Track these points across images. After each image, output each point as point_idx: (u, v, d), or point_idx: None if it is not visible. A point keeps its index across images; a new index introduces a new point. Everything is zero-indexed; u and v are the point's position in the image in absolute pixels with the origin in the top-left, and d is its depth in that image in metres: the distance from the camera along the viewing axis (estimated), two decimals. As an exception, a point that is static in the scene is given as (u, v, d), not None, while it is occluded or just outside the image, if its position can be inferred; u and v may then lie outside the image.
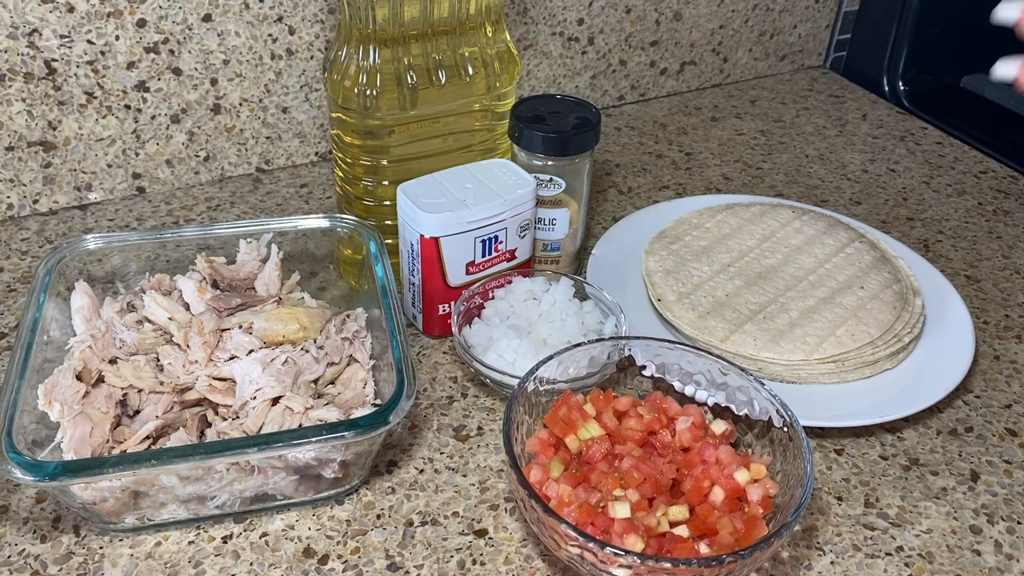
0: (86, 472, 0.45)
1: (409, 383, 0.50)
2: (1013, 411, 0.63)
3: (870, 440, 0.60)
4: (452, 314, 0.62)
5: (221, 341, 0.55)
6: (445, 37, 0.63)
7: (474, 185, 0.63)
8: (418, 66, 0.62)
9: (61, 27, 0.72)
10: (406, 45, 0.62)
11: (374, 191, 0.66)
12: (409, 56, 0.62)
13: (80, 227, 0.78)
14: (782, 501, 0.49)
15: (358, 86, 0.61)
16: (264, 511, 0.53)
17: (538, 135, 0.65)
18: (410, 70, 0.62)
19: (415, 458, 0.57)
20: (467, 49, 0.64)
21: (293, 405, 0.52)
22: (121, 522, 0.51)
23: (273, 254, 0.61)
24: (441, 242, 0.61)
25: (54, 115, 0.75)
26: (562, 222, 0.69)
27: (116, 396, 0.53)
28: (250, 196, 0.83)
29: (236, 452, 0.47)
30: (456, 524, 0.53)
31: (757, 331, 0.62)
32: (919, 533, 0.54)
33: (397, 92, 0.62)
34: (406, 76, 0.62)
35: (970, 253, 0.79)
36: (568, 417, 0.52)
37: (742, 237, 0.72)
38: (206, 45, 0.77)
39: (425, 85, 0.63)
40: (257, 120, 0.83)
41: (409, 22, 0.61)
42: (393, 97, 0.62)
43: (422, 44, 0.62)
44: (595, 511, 0.47)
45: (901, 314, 0.65)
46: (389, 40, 0.61)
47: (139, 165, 0.81)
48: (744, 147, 0.95)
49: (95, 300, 0.58)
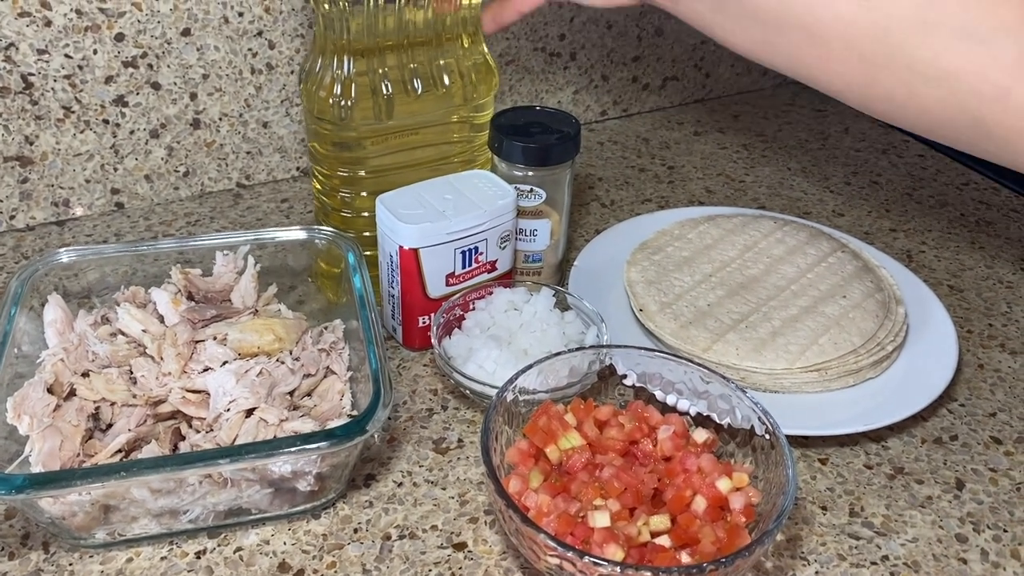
0: (54, 485, 0.44)
1: (386, 392, 0.49)
2: (998, 419, 0.62)
3: (854, 449, 0.59)
4: (432, 325, 0.61)
5: (195, 353, 0.54)
6: (422, 48, 0.63)
7: (454, 196, 0.63)
8: (394, 77, 0.62)
9: (38, 41, 0.71)
10: (381, 56, 0.61)
11: (351, 202, 0.66)
12: (384, 67, 0.62)
13: (58, 243, 0.77)
14: (765, 509, 0.48)
15: (333, 97, 0.61)
16: (239, 525, 0.52)
17: (518, 146, 0.65)
18: (385, 80, 0.62)
19: (393, 471, 0.57)
20: (444, 60, 0.64)
21: (267, 417, 0.51)
22: (91, 538, 0.50)
23: (249, 266, 0.61)
24: (421, 253, 0.61)
25: (31, 130, 0.74)
26: (543, 233, 0.69)
27: (88, 409, 0.52)
28: (230, 211, 0.82)
29: (208, 464, 0.46)
30: (435, 538, 0.52)
31: (739, 340, 0.62)
32: (905, 542, 0.53)
33: (372, 103, 0.62)
34: (381, 87, 0.61)
35: (953, 263, 0.79)
36: (548, 427, 0.51)
37: (724, 247, 0.71)
38: (185, 59, 0.77)
39: (401, 96, 0.63)
40: (237, 135, 0.83)
41: (385, 33, 0.61)
42: (368, 108, 0.62)
43: (398, 55, 0.62)
44: (575, 521, 0.46)
45: (884, 323, 0.64)
46: (364, 51, 0.61)
47: (118, 180, 0.80)
48: (727, 161, 0.95)
49: (68, 313, 0.57)
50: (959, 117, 0.49)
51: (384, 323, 0.67)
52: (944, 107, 0.49)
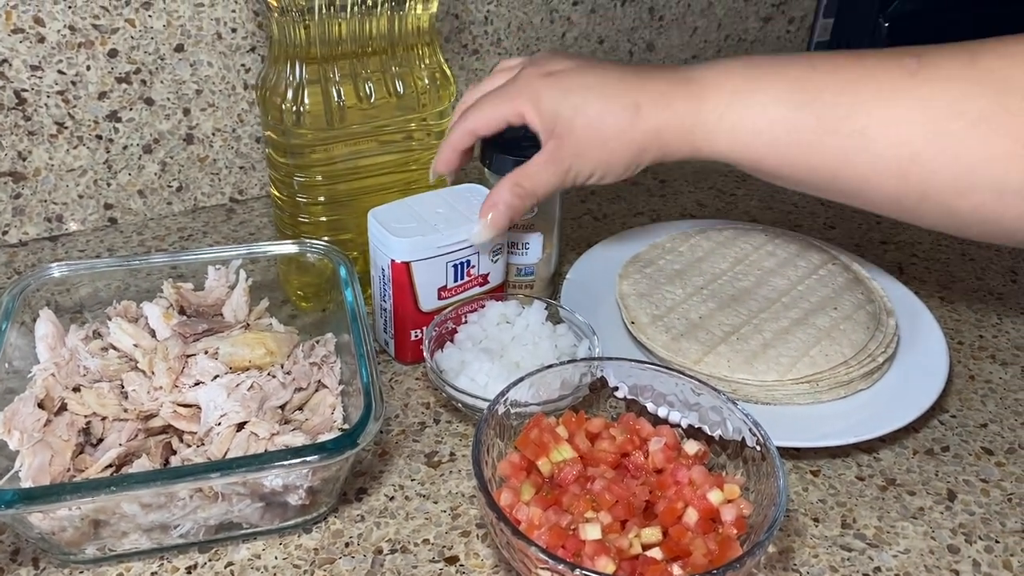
0: (44, 500, 0.44)
1: (377, 405, 0.49)
2: (989, 430, 0.63)
3: (846, 461, 0.60)
4: (424, 339, 0.62)
5: (186, 367, 0.54)
6: (376, 57, 0.64)
7: (445, 210, 0.63)
8: (347, 84, 0.63)
9: (31, 57, 0.72)
10: (336, 64, 0.62)
11: (308, 208, 0.67)
12: (338, 74, 0.62)
13: (51, 258, 0.77)
14: (756, 521, 0.48)
15: (286, 103, 0.62)
16: (230, 540, 0.52)
17: (510, 159, 0.65)
18: (338, 87, 0.62)
19: (385, 485, 0.56)
20: (398, 68, 0.65)
21: (258, 431, 0.51)
22: (81, 553, 0.50)
23: (241, 280, 0.61)
24: (412, 267, 0.61)
25: (24, 145, 0.75)
26: (535, 246, 0.69)
27: (79, 424, 0.52)
28: (223, 226, 0.82)
29: (199, 478, 0.45)
30: (427, 552, 0.52)
31: (731, 352, 0.62)
32: (897, 554, 0.53)
33: (325, 109, 0.62)
34: (333, 93, 0.62)
35: (943, 275, 0.80)
36: (540, 440, 0.51)
37: (715, 260, 0.72)
38: (178, 75, 0.78)
39: (354, 103, 0.63)
40: (230, 150, 0.83)
41: (339, 41, 0.62)
42: (321, 114, 0.62)
43: (352, 63, 0.63)
44: (566, 534, 0.46)
45: (875, 334, 0.64)
46: (318, 58, 0.62)
47: (111, 196, 0.80)
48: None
49: (60, 328, 0.57)
50: (1004, 237, 0.53)
51: (376, 337, 0.67)
52: (986, 232, 0.54)
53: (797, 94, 0.54)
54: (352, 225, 0.68)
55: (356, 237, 0.69)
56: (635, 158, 0.59)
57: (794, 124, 0.54)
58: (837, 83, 0.53)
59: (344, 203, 0.67)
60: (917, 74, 0.51)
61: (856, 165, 0.53)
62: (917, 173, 0.51)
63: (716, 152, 0.57)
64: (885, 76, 0.52)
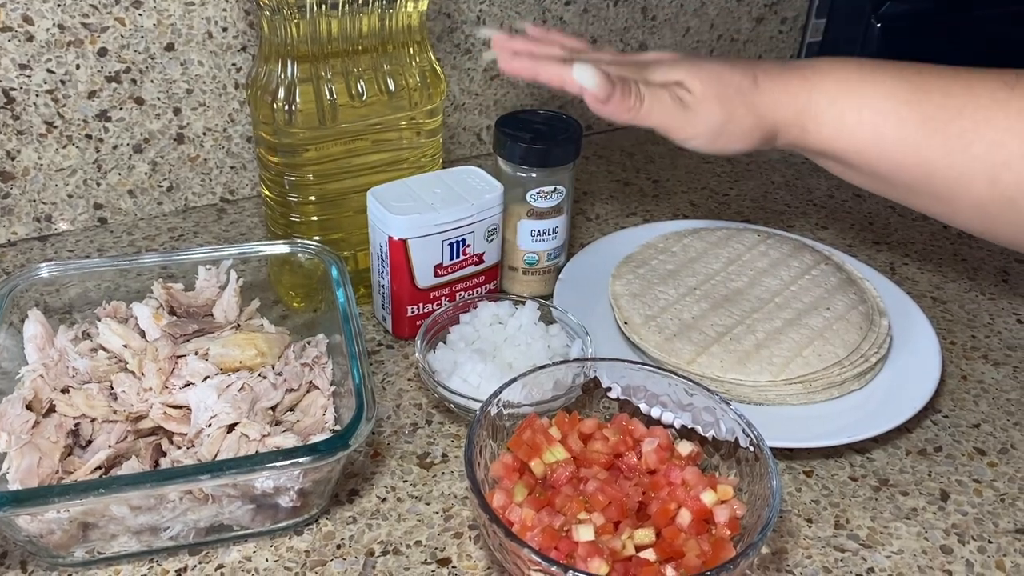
0: (31, 502, 0.44)
1: (369, 406, 0.49)
2: (981, 430, 0.63)
3: (839, 461, 0.59)
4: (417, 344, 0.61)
5: (176, 368, 0.54)
6: (368, 55, 0.64)
7: (443, 190, 0.64)
8: (338, 83, 0.63)
9: (20, 56, 0.71)
10: (327, 62, 0.62)
11: (299, 207, 0.66)
12: (329, 73, 0.62)
13: (40, 258, 0.76)
14: (749, 522, 0.48)
15: (277, 102, 0.61)
16: (220, 542, 0.51)
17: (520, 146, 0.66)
18: (330, 86, 0.62)
19: (377, 486, 0.56)
20: (389, 66, 0.65)
21: (249, 432, 0.51)
22: (70, 556, 0.49)
23: (232, 280, 0.60)
24: (409, 244, 0.62)
25: (12, 145, 0.74)
26: (563, 228, 0.71)
27: (67, 426, 0.52)
28: (214, 226, 0.82)
29: (189, 479, 0.45)
30: (419, 553, 0.52)
31: (724, 353, 0.62)
32: (890, 554, 0.53)
33: (317, 107, 0.62)
34: (325, 92, 0.62)
35: (936, 275, 0.80)
36: (533, 441, 0.51)
37: (708, 260, 0.71)
38: (169, 74, 0.77)
39: (346, 101, 0.63)
40: (221, 149, 0.83)
41: (330, 39, 0.61)
42: (312, 113, 0.62)
43: (343, 61, 0.63)
44: (559, 535, 0.46)
45: (868, 335, 0.64)
46: (309, 57, 0.61)
47: (101, 195, 0.80)
48: (711, 175, 0.96)
49: (49, 329, 0.57)
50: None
51: (375, 312, 0.69)
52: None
53: (907, 92, 0.55)
54: (343, 224, 0.68)
55: (347, 236, 0.68)
56: (753, 126, 0.59)
57: (902, 119, 0.55)
58: (943, 87, 0.54)
59: (335, 202, 0.67)
60: (1016, 88, 0.53)
61: (952, 167, 0.54)
62: (1007, 179, 0.52)
63: (821, 139, 0.58)
64: (986, 88, 0.53)
